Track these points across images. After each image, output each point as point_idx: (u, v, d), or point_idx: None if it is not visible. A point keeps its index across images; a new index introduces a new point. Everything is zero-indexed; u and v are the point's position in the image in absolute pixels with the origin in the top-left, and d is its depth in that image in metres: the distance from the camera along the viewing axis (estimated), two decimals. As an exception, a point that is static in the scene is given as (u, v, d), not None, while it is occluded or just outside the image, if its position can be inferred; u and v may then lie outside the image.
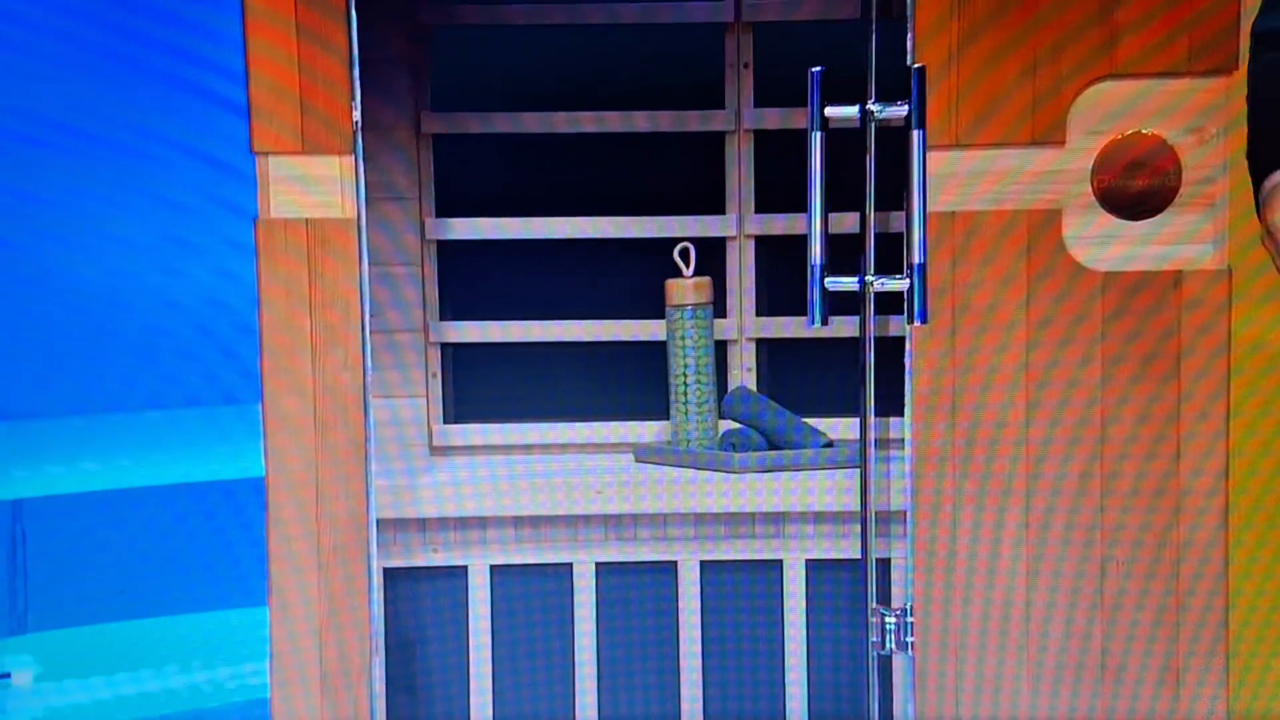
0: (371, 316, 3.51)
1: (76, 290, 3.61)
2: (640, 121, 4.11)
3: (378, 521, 3.53)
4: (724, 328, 4.10)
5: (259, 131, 3.43)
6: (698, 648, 3.88)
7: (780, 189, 4.09)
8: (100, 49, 3.63)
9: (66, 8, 3.64)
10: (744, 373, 4.12)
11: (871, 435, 3.52)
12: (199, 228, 3.64)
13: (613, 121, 4.11)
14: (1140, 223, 3.41)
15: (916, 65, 3.32)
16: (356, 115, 3.42)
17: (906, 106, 3.29)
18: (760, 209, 4.10)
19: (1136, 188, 3.41)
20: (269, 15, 3.46)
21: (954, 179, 3.40)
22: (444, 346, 4.16)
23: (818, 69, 3.28)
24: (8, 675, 3.58)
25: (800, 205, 3.33)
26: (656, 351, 4.06)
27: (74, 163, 3.62)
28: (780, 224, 4.09)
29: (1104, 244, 3.43)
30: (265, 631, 3.51)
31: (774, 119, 4.08)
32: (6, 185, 3.62)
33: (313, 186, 3.45)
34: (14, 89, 3.62)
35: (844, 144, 3.36)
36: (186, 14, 3.61)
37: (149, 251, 3.64)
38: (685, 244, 4.01)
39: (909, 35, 3.38)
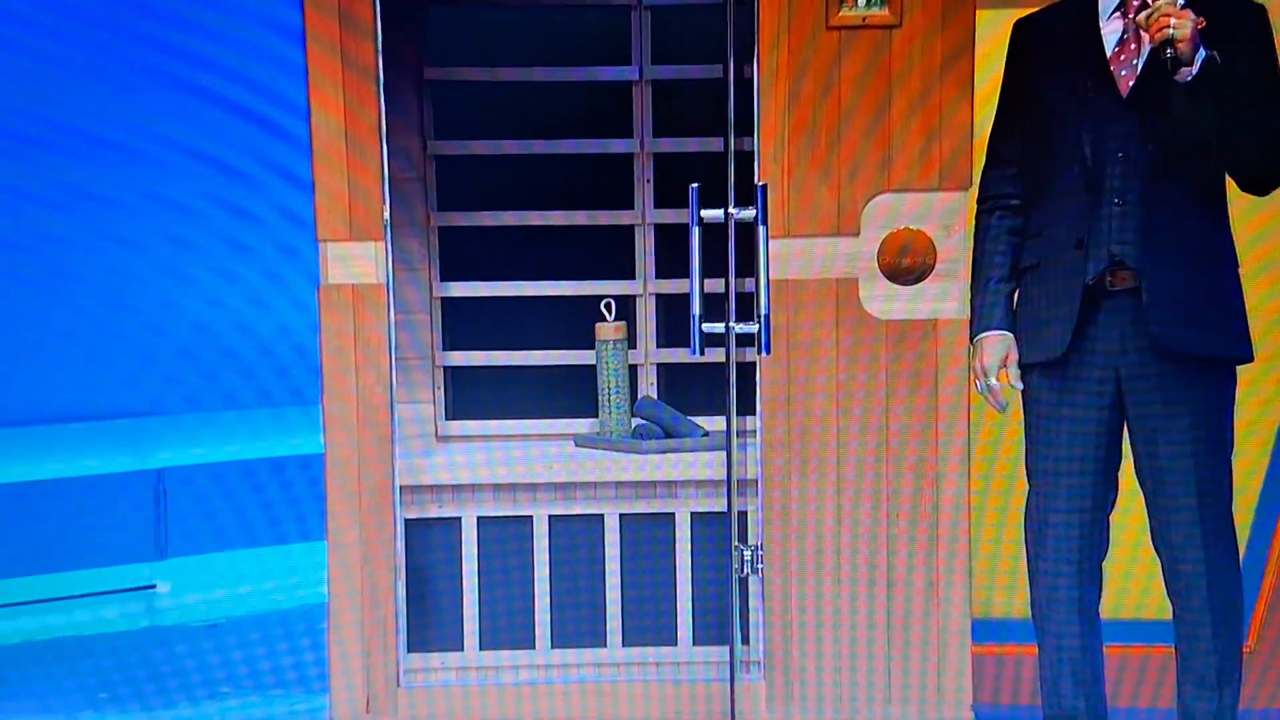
0: (395, 348, 3.87)
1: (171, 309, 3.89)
2: (579, 218, 4.50)
3: (400, 487, 3.89)
4: (635, 356, 4.44)
5: (322, 225, 3.81)
6: (618, 577, 4.19)
7: (673, 263, 4.37)
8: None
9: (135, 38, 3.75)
10: (649, 386, 4.51)
11: (734, 427, 3.84)
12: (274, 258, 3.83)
13: (559, 218, 4.49)
14: (909, 287, 3.82)
15: (760, 183, 3.74)
16: (386, 214, 3.83)
17: (754, 210, 3.72)
18: (659, 276, 4.48)
19: (906, 264, 3.80)
20: (329, 145, 3.76)
21: (786, 258, 3.79)
22: (445, 368, 4.51)
23: (696, 185, 3.73)
24: (154, 585, 3.99)
25: (686, 273, 3.77)
26: (589, 372, 4.41)
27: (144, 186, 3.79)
28: (673, 286, 4.41)
29: (886, 301, 3.82)
30: (324, 559, 3.87)
31: (668, 216, 4.45)
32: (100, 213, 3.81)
33: (356, 262, 3.84)
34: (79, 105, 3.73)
35: (714, 233, 3.77)
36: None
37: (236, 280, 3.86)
38: (608, 299, 4.35)
39: (756, 161, 3.78)
